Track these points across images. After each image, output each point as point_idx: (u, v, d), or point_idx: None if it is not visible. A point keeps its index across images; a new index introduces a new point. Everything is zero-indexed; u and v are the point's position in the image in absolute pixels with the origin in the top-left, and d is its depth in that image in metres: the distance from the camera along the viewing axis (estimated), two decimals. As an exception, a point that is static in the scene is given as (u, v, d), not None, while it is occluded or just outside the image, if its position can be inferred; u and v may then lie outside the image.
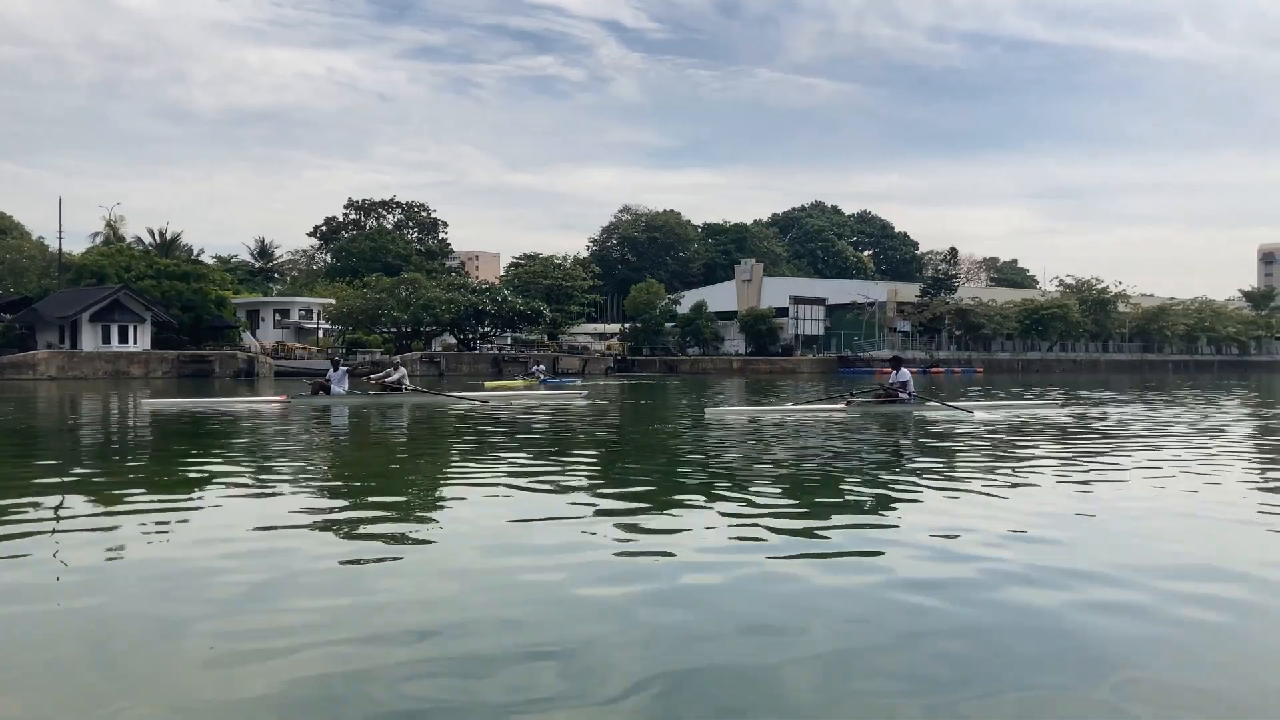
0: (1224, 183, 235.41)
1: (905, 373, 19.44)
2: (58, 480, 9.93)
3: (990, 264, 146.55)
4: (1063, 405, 22.98)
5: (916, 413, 18.90)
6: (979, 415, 18.15)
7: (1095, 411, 20.97)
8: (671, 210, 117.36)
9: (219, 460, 11.74)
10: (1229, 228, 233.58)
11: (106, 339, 52.91)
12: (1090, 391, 33.77)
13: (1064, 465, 10.94)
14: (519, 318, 66.52)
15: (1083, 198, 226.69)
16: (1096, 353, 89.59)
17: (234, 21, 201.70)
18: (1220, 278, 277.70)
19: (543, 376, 38.87)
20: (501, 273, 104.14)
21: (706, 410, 20.09)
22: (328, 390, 23.99)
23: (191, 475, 10.33)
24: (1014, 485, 9.43)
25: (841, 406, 19.38)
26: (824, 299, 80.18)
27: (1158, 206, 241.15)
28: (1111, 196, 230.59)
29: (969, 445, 13.33)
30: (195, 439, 15.16)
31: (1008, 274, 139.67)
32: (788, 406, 20.51)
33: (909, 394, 19.32)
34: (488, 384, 35.15)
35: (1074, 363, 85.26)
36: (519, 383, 36.35)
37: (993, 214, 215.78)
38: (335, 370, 24.58)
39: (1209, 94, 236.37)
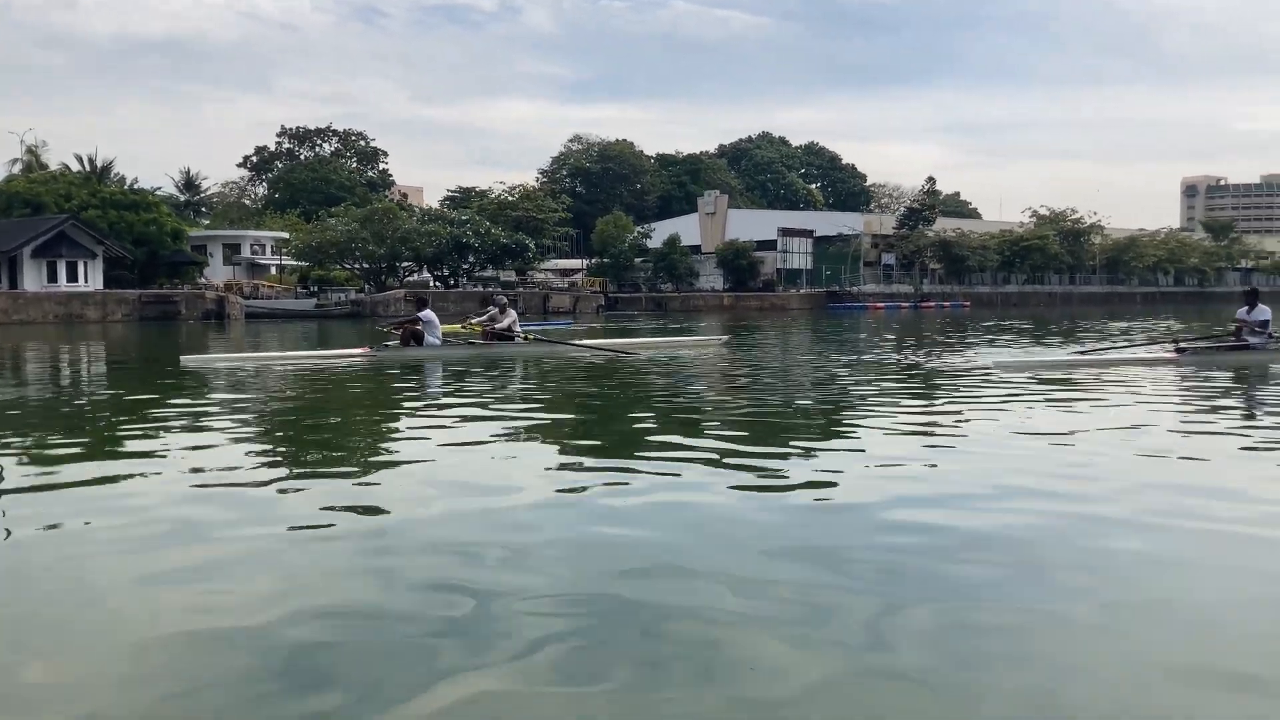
0: (1133, 118, 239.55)
1: (1265, 309, 15.47)
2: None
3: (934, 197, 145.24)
4: None
5: (1275, 366, 14.96)
6: None
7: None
8: (624, 140, 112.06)
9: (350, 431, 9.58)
10: (1142, 160, 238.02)
11: (53, 277, 46.49)
12: None
13: None
14: (503, 251, 61.57)
15: (993, 133, 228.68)
16: (1068, 285, 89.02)
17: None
18: (1137, 211, 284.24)
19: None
20: (435, 206, 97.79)
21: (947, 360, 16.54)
22: (420, 340, 19.66)
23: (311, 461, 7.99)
24: None
25: (1172, 355, 15.59)
26: (812, 231, 77.01)
27: (1069, 141, 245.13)
28: (1021, 132, 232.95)
29: None
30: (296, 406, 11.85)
31: (952, 206, 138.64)
32: (1090, 356, 16.47)
33: (1269, 335, 15.34)
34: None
35: (1049, 295, 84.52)
36: (455, 328, 28.51)
37: (907, 149, 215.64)
38: (424, 311, 20.16)
39: (1110, 29, 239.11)
